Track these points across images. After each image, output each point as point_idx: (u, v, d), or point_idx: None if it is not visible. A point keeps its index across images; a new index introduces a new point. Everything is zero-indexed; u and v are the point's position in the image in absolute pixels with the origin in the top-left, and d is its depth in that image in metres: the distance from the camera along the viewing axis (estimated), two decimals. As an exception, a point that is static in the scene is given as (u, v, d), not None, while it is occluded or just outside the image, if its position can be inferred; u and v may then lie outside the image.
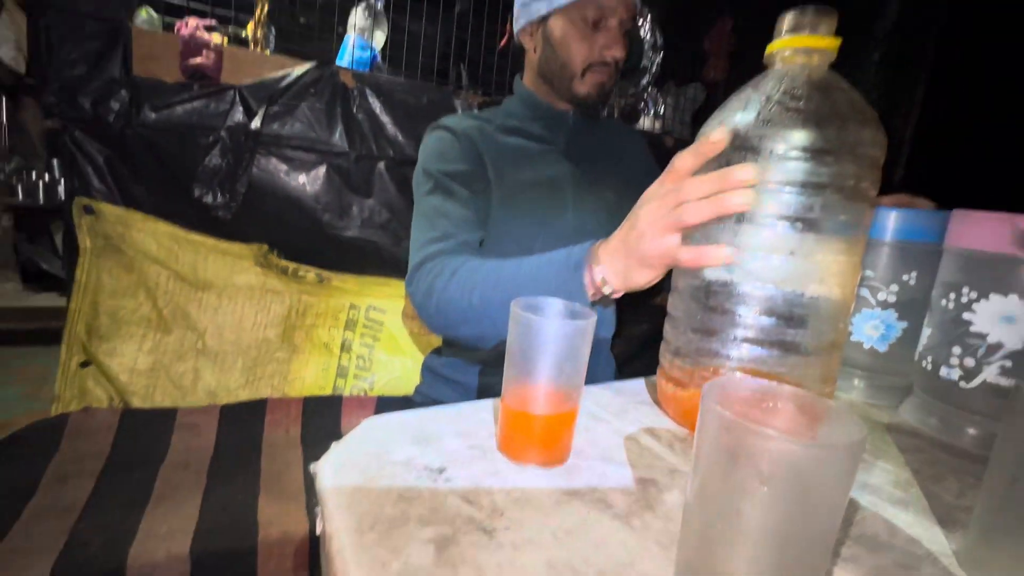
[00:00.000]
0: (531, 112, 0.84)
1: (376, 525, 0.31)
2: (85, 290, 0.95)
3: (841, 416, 0.25)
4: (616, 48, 0.76)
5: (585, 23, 0.75)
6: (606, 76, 0.78)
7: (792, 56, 0.45)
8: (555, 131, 0.83)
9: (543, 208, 0.79)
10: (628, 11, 0.76)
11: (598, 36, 0.76)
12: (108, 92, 0.87)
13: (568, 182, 0.81)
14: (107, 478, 0.85)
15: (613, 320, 0.89)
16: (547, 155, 0.82)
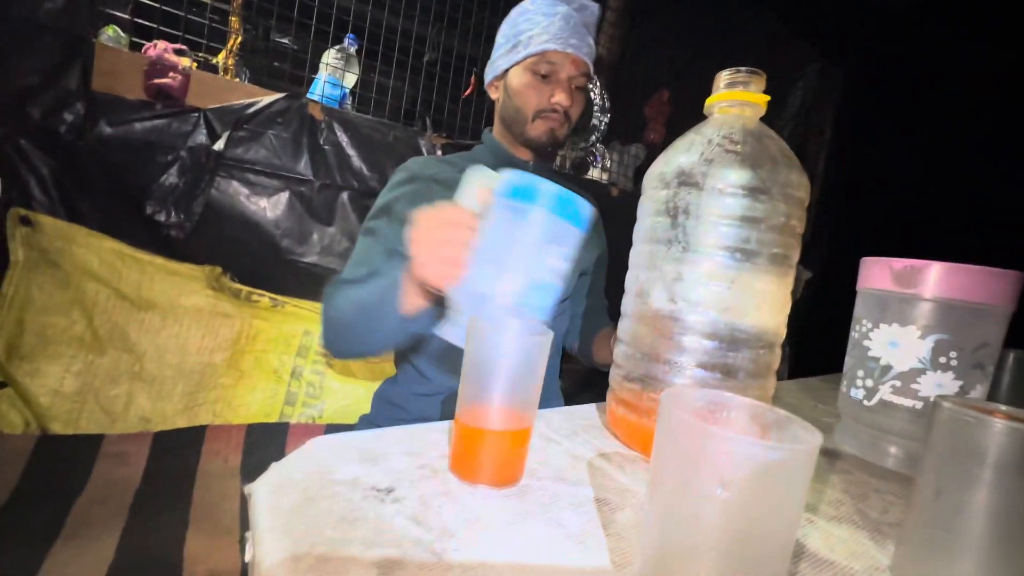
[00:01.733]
0: (495, 160, 0.84)
1: (314, 549, 0.27)
2: (11, 305, 0.84)
3: (792, 423, 0.24)
4: (562, 96, 0.79)
5: (536, 76, 0.79)
6: (555, 123, 0.80)
7: (728, 108, 0.47)
8: None
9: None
10: (577, 68, 0.79)
11: (547, 87, 0.79)
12: (62, 104, 0.80)
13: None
14: (11, 512, 0.72)
15: (558, 356, 0.88)
16: None
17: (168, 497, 0.81)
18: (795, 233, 0.45)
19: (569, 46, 0.77)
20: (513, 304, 0.44)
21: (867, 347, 0.55)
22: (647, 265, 0.47)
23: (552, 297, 0.47)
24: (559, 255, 0.46)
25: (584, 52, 0.79)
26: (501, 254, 0.45)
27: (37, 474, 0.80)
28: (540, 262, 0.45)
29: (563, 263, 0.47)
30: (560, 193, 0.44)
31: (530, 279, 0.45)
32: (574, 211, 0.46)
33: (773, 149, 0.43)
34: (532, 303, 0.45)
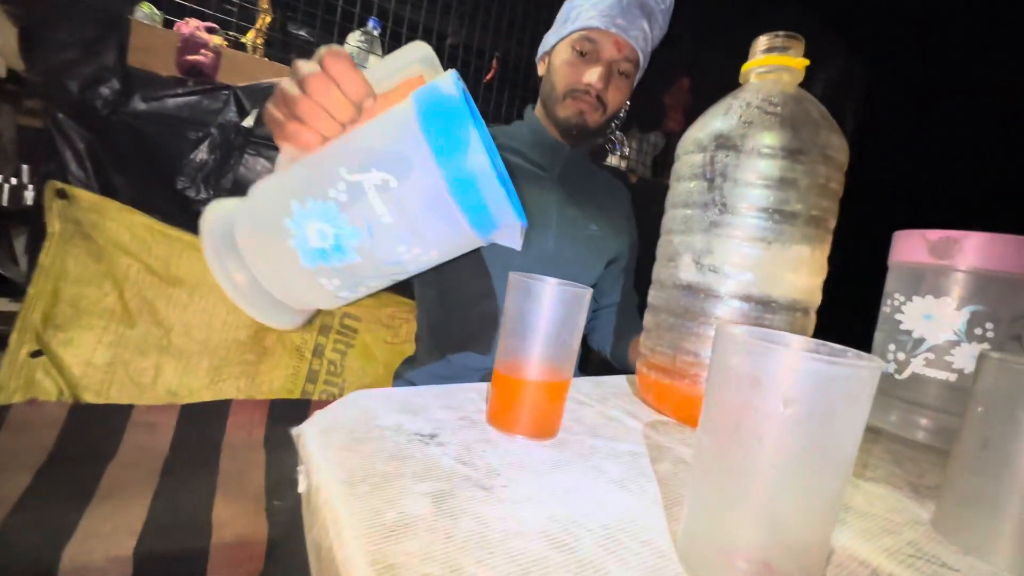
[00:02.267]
0: (533, 138, 0.83)
1: (368, 478, 0.28)
2: (48, 275, 0.86)
3: (848, 352, 0.24)
4: (594, 77, 0.75)
5: (576, 53, 0.76)
6: (586, 105, 0.77)
7: (766, 73, 0.47)
8: (552, 160, 0.82)
9: (528, 229, 0.78)
10: (620, 51, 0.75)
11: (584, 65, 0.76)
12: (98, 79, 0.82)
13: (555, 209, 0.80)
14: (47, 473, 0.74)
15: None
16: (541, 180, 0.81)
17: (196, 465, 0.83)
18: (834, 196, 0.44)
19: (614, 26, 0.73)
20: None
21: (899, 320, 0.55)
22: (682, 230, 0.47)
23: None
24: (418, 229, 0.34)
25: (632, 35, 0.74)
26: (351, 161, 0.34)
27: (71, 439, 0.82)
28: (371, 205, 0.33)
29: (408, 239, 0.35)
30: (489, 171, 0.32)
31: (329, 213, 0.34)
32: (487, 216, 0.34)
33: (813, 111, 0.43)
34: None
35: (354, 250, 0.35)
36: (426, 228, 0.34)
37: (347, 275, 0.36)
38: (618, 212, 0.89)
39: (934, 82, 1.82)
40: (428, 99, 0.34)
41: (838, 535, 0.29)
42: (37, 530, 0.64)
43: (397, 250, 0.35)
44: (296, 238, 0.35)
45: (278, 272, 0.37)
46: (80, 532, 0.65)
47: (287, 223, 0.35)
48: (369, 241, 0.34)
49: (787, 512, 0.21)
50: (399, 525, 0.24)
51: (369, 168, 0.33)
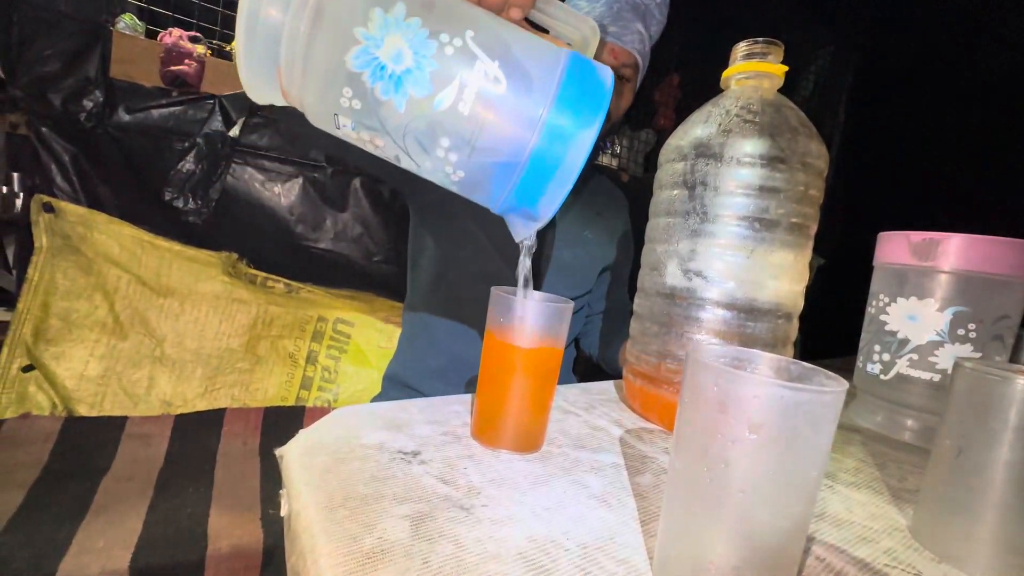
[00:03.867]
0: None
1: (347, 502, 0.28)
2: (36, 290, 0.86)
3: (817, 373, 0.24)
4: None
5: None
6: None
7: (745, 80, 0.47)
8: None
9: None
10: (618, 59, 0.74)
11: None
12: (81, 91, 0.81)
13: (556, 213, 0.80)
14: (41, 489, 0.75)
15: (571, 349, 0.88)
16: None
17: (191, 476, 0.83)
18: (814, 203, 0.45)
19: (608, 35, 0.72)
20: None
21: (884, 322, 0.55)
22: (664, 238, 0.47)
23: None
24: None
25: (626, 40, 0.73)
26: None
27: (65, 453, 0.82)
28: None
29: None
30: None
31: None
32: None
33: (792, 119, 0.43)
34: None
35: (407, 98, 0.29)
36: (483, 151, 0.30)
37: (369, 112, 0.30)
38: (615, 219, 0.89)
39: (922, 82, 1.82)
40: (584, 65, 0.32)
41: (815, 545, 0.30)
42: (32, 546, 0.64)
43: (440, 140, 0.30)
44: (367, 38, 0.29)
45: (311, 55, 0.30)
46: (75, 547, 0.65)
47: (374, 14, 0.29)
48: (429, 106, 0.29)
49: (756, 533, 0.22)
50: (376, 552, 0.24)
51: (494, 58, 0.29)
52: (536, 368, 0.37)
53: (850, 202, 2.02)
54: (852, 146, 2.10)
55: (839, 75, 2.09)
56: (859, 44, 2.06)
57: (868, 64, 2.09)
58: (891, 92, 1.96)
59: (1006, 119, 1.52)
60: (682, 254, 0.45)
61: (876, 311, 0.57)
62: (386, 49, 0.29)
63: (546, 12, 0.38)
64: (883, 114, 1.99)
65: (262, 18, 0.29)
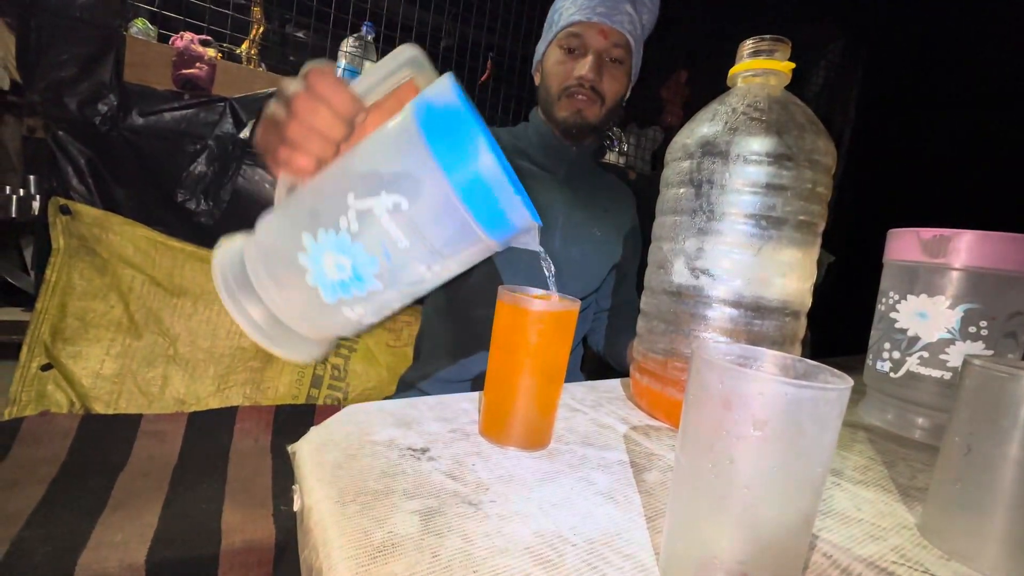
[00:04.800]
0: (539, 140, 0.82)
1: (358, 497, 0.29)
2: (54, 290, 0.88)
3: (822, 370, 0.24)
4: (585, 69, 0.74)
5: (564, 51, 0.76)
6: (582, 101, 0.77)
7: (752, 77, 0.47)
8: (557, 162, 0.82)
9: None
10: (608, 39, 0.74)
11: (573, 61, 0.76)
12: (96, 95, 0.83)
13: (561, 210, 0.80)
14: (60, 485, 0.76)
15: (579, 346, 0.88)
16: (547, 182, 0.81)
17: (204, 472, 0.85)
18: (822, 200, 0.44)
19: (596, 15, 0.73)
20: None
21: (894, 319, 0.55)
22: (671, 236, 0.48)
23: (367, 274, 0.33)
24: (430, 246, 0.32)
25: (616, 20, 0.73)
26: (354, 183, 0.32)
27: (82, 450, 0.84)
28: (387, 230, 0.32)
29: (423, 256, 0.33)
30: (503, 176, 0.30)
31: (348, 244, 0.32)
32: (499, 215, 0.31)
33: (799, 116, 0.43)
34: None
35: (374, 277, 0.33)
36: (443, 244, 0.32)
37: (370, 302, 0.35)
38: (623, 216, 0.89)
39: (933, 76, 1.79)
40: (427, 108, 0.32)
41: (822, 543, 0.30)
42: (52, 541, 0.65)
43: (418, 270, 0.34)
44: (314, 274, 0.33)
45: (301, 310, 0.35)
46: (93, 542, 0.66)
47: (302, 259, 0.33)
48: (388, 266, 0.33)
49: (761, 529, 0.22)
50: (387, 545, 0.25)
51: (378, 192, 0.31)
52: (543, 366, 0.37)
53: (861, 198, 1.99)
54: (863, 141, 2.08)
55: (849, 69, 2.06)
56: (869, 38, 2.03)
57: (878, 58, 2.06)
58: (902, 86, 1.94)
59: (1020, 114, 1.50)
60: (689, 252, 0.45)
61: (886, 308, 0.57)
62: (330, 272, 0.33)
63: (370, 88, 0.39)
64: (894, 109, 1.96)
65: (231, 277, 0.36)
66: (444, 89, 0.32)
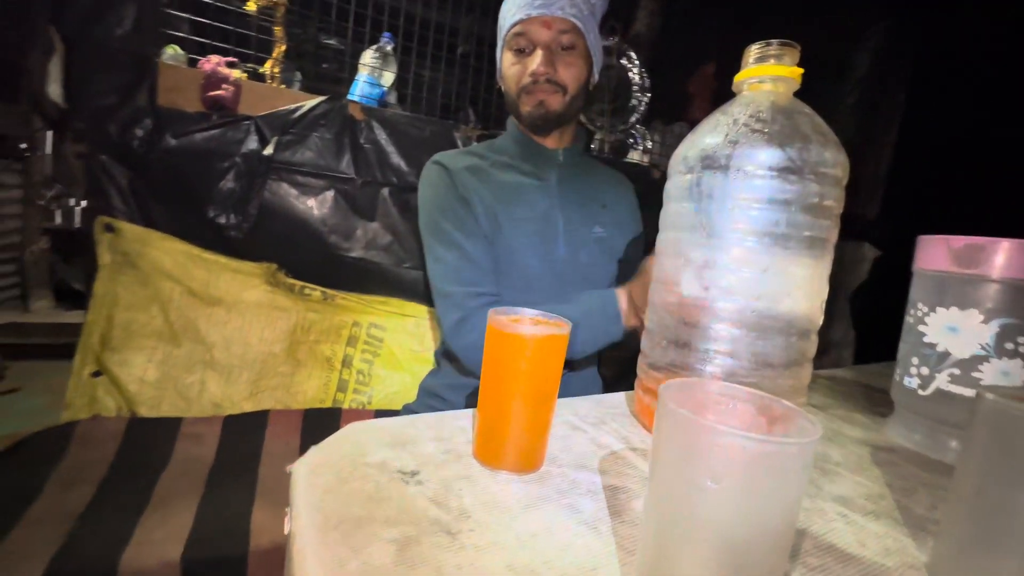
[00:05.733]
0: (521, 150, 0.82)
1: (341, 524, 0.30)
2: (102, 303, 0.95)
3: (798, 417, 0.23)
4: (535, 64, 0.73)
5: (515, 53, 0.76)
6: (543, 93, 0.75)
7: (758, 84, 0.45)
8: (545, 169, 0.82)
9: (538, 240, 0.77)
10: (553, 28, 0.73)
11: (524, 60, 0.75)
12: (134, 120, 0.88)
13: (559, 216, 0.79)
14: (108, 485, 0.83)
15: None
16: (539, 190, 0.80)
17: (237, 473, 0.89)
18: (830, 214, 0.42)
19: (535, 9, 0.72)
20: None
21: (922, 332, 0.51)
22: (673, 252, 0.46)
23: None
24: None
25: (557, 7, 0.72)
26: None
27: (128, 452, 0.90)
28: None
29: None
30: None
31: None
32: None
33: (805, 126, 0.41)
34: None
35: None
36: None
37: None
38: (622, 208, 0.88)
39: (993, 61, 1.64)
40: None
41: (812, 585, 0.29)
42: (100, 537, 0.71)
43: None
44: None
45: None
46: (135, 539, 0.72)
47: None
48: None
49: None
50: (360, 575, 0.26)
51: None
52: (533, 391, 0.37)
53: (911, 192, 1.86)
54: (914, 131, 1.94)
55: (898, 53, 1.92)
56: (921, 18, 1.88)
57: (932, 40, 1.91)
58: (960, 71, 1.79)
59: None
60: (691, 269, 0.44)
61: (914, 321, 0.53)
62: None
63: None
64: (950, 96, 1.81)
65: None
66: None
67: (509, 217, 0.77)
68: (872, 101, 2.11)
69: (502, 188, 0.78)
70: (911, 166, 1.96)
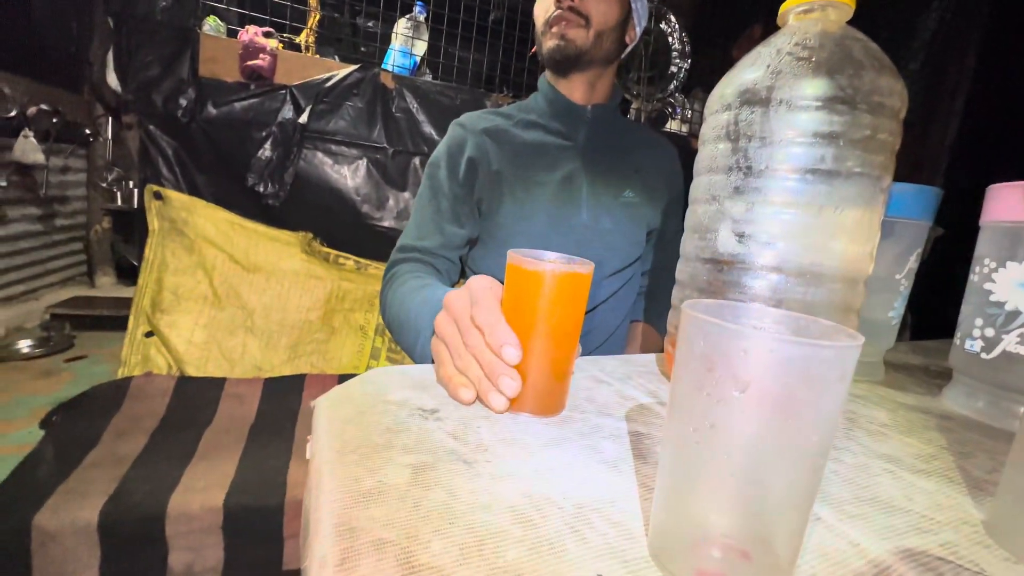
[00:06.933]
0: (550, 107, 0.79)
1: (359, 448, 0.30)
2: (151, 267, 1.00)
3: (838, 331, 0.21)
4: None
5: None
6: (566, 25, 0.72)
7: (805, 14, 0.41)
8: (573, 127, 0.78)
9: (556, 206, 0.75)
10: None
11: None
12: (177, 90, 0.92)
13: (583, 179, 0.76)
14: (158, 436, 0.88)
15: (623, 311, 0.84)
16: (565, 151, 0.77)
17: (275, 431, 0.93)
18: (885, 148, 0.39)
19: None
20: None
21: (988, 291, 0.47)
22: (706, 198, 0.44)
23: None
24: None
25: None
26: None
27: (177, 407, 0.96)
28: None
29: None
30: None
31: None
32: None
33: (857, 51, 0.37)
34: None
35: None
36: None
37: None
38: (657, 173, 0.83)
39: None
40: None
41: (850, 530, 0.26)
42: (150, 482, 0.76)
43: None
44: None
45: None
46: (182, 485, 0.76)
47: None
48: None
49: (747, 499, 0.20)
50: (373, 492, 0.26)
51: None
52: (554, 330, 0.36)
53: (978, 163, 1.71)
54: (983, 97, 1.77)
55: (968, 13, 1.76)
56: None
57: None
58: None
59: None
60: (727, 215, 0.42)
61: (980, 279, 0.48)
62: None
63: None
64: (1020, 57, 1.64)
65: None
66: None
67: (524, 180, 0.74)
68: (938, 66, 1.95)
69: (522, 149, 0.76)
70: (979, 138, 1.79)
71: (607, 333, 0.81)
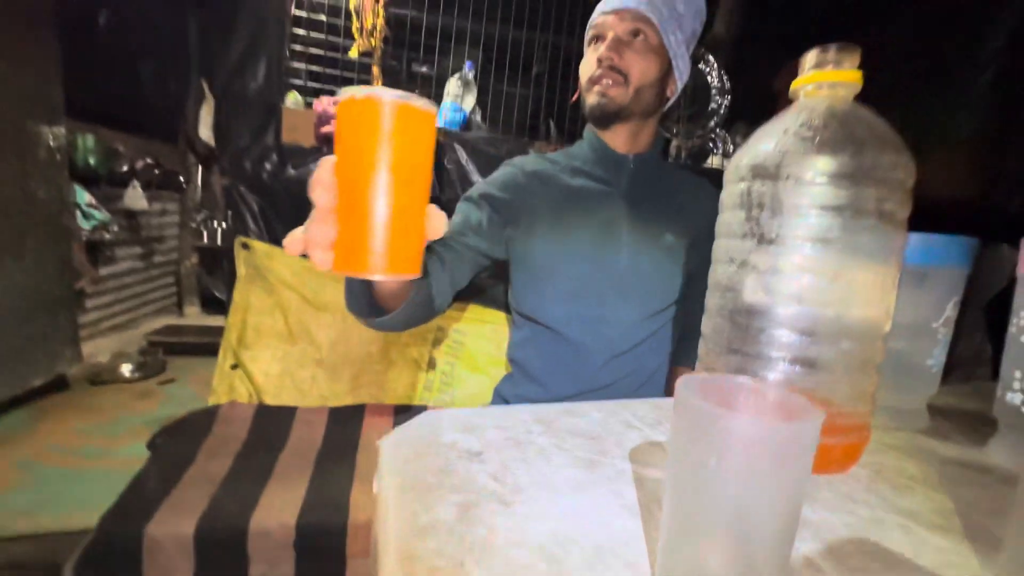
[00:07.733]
0: (594, 155, 0.84)
1: (415, 487, 0.36)
2: (238, 309, 1.14)
3: (809, 409, 0.25)
4: (601, 51, 0.75)
5: (590, 47, 0.80)
6: (606, 83, 0.76)
7: (815, 91, 0.45)
8: (617, 174, 0.82)
9: (597, 247, 0.79)
10: (623, 19, 0.75)
11: (594, 51, 0.78)
12: (264, 156, 1.07)
13: (624, 223, 0.80)
14: (241, 458, 0.99)
15: (663, 352, 0.85)
16: (607, 197, 0.81)
17: (339, 457, 1.02)
18: (895, 216, 0.41)
19: (609, 4, 0.75)
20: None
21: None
22: (725, 260, 0.48)
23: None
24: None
25: (632, 1, 0.74)
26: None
27: (257, 432, 1.08)
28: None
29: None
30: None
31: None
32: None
33: (860, 131, 0.41)
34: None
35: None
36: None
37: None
38: (699, 215, 0.83)
39: None
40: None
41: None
42: (236, 502, 0.86)
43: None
44: None
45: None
46: (261, 504, 0.86)
47: None
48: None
49: (731, 555, 0.24)
50: (428, 527, 0.31)
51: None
52: (395, 169, 0.33)
53: None
54: None
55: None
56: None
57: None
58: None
59: None
60: (742, 277, 0.45)
61: (1018, 330, 0.49)
62: None
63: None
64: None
65: None
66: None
67: (563, 223, 0.79)
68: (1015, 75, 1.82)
69: (566, 194, 0.81)
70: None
71: (647, 375, 0.83)
